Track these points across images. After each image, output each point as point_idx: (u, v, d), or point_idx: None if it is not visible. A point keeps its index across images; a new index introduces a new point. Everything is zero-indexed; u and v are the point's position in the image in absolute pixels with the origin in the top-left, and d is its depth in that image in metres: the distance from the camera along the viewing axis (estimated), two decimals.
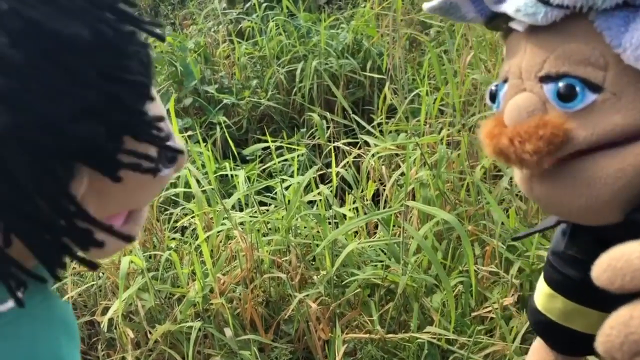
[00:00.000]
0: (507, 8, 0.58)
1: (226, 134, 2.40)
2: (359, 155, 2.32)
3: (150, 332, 1.75)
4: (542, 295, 0.78)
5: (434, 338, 1.60)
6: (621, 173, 0.53)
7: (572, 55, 0.54)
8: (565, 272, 0.73)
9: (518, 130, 0.56)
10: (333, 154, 2.01)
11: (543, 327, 0.80)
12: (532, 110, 0.56)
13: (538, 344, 0.87)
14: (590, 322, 0.41)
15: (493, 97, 0.63)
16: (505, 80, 0.61)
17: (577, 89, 0.54)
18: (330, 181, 2.07)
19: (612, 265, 0.39)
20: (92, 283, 1.96)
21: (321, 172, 2.26)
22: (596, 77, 0.53)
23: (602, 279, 0.39)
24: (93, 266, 0.54)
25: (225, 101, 3.16)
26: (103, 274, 1.95)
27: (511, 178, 1.98)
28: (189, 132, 2.78)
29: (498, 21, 0.61)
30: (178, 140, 0.66)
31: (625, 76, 0.52)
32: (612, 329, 0.39)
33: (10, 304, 0.57)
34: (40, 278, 0.59)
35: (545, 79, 0.56)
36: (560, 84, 0.54)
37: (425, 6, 0.67)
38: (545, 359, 0.86)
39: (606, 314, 0.40)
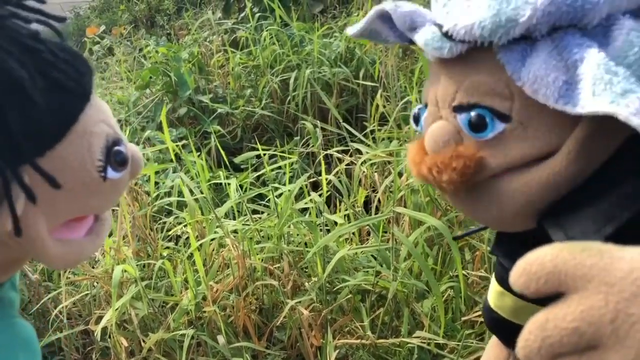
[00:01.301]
0: (417, 39, 0.61)
1: (217, 143, 2.42)
2: (352, 163, 2.34)
3: (144, 341, 1.77)
4: (494, 293, 0.80)
5: (424, 343, 1.61)
6: (527, 190, 0.56)
7: (479, 87, 0.56)
8: (511, 269, 0.74)
9: (435, 161, 0.59)
10: (323, 162, 2.03)
11: (495, 324, 0.82)
12: (447, 139, 0.59)
13: (493, 340, 0.90)
14: None
15: (416, 119, 0.66)
16: (426, 105, 0.64)
17: (487, 119, 0.56)
18: (322, 189, 2.09)
19: (527, 269, 0.40)
20: (87, 292, 1.97)
21: (313, 179, 2.28)
22: (503, 107, 0.55)
23: (519, 283, 0.40)
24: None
25: (219, 110, 3.18)
26: (97, 283, 1.96)
27: None
28: (184, 142, 2.80)
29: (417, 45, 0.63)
30: (130, 146, 0.68)
31: (531, 106, 0.54)
32: (529, 334, 0.39)
33: None
34: None
35: (458, 108, 0.58)
36: (472, 114, 0.57)
37: (349, 31, 0.70)
38: (499, 354, 0.89)
39: None
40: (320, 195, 1.97)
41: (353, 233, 2.09)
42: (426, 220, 1.68)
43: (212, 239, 1.94)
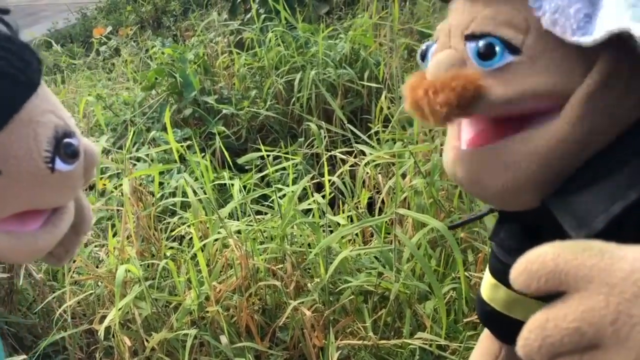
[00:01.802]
0: None
1: (220, 144, 2.43)
2: (355, 164, 2.35)
3: (147, 340, 1.77)
4: (487, 285, 0.80)
5: (426, 344, 1.62)
6: (534, 157, 0.55)
7: (497, 16, 0.56)
8: (506, 261, 0.74)
9: (434, 82, 0.57)
10: (325, 163, 2.04)
11: (488, 316, 0.81)
12: (451, 65, 0.58)
13: (484, 334, 0.89)
14: (531, 311, 0.43)
15: (423, 56, 0.65)
16: (437, 40, 0.63)
17: (497, 48, 0.55)
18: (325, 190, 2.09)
19: (527, 268, 0.39)
20: (91, 292, 1.99)
21: (317, 180, 2.28)
22: (516, 39, 0.55)
23: (519, 282, 0.40)
24: None
25: (224, 111, 3.19)
26: (101, 283, 1.97)
27: None
28: (189, 142, 2.81)
29: None
30: (84, 140, 0.67)
31: (544, 42, 0.54)
32: (530, 333, 0.39)
33: None
34: None
35: (470, 37, 0.57)
36: (482, 42, 0.56)
37: None
38: (490, 348, 0.88)
39: (545, 303, 0.41)
40: (323, 197, 1.98)
41: (356, 234, 2.09)
42: (429, 222, 1.69)
43: (216, 240, 1.95)
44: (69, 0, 7.88)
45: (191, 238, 2.10)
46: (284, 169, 2.50)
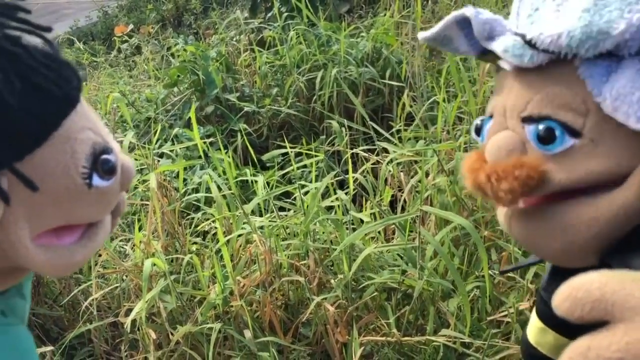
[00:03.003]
0: (496, 47, 0.59)
1: (246, 142, 2.44)
2: (377, 162, 2.35)
3: (172, 334, 1.79)
4: (534, 328, 0.78)
5: (450, 341, 1.62)
6: (594, 222, 0.55)
7: (554, 99, 0.55)
8: None
9: (496, 168, 0.57)
10: (350, 161, 2.04)
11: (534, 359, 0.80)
12: (511, 149, 0.57)
13: None
14: None
15: (478, 131, 0.65)
16: (491, 116, 0.62)
17: (557, 132, 0.55)
18: (348, 187, 2.10)
19: (572, 295, 0.39)
20: (116, 285, 2.01)
21: (339, 178, 2.29)
22: (576, 122, 0.54)
23: (563, 308, 0.39)
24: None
25: (246, 109, 3.21)
26: (126, 277, 2.00)
27: None
28: (211, 139, 2.83)
29: (489, 56, 0.62)
30: (122, 156, 0.67)
31: (605, 124, 0.53)
32: (570, 359, 0.39)
33: None
34: None
35: (527, 119, 0.57)
36: (541, 127, 0.55)
37: (420, 36, 0.68)
38: None
39: None
40: (346, 194, 1.99)
41: (378, 232, 2.10)
42: (453, 219, 1.69)
43: (239, 235, 1.97)
44: None
45: (214, 233, 2.12)
46: (305, 166, 2.51)
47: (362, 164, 2.40)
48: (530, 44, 0.56)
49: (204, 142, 2.44)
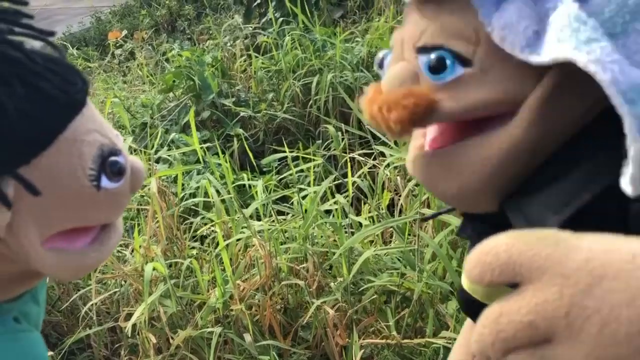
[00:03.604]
0: None
1: (245, 146, 2.45)
2: (373, 166, 2.37)
3: (172, 338, 1.80)
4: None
5: (450, 343, 1.63)
6: (487, 161, 0.54)
7: (448, 29, 0.55)
8: None
9: (387, 99, 0.56)
10: (349, 164, 2.06)
11: (469, 306, 0.78)
12: (404, 80, 0.57)
13: (467, 324, 0.87)
14: None
15: (381, 64, 0.64)
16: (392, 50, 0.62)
17: (448, 61, 0.54)
18: (346, 191, 2.11)
19: (481, 259, 0.38)
20: (115, 290, 2.01)
21: (336, 182, 2.31)
22: (467, 51, 0.54)
23: (473, 274, 0.39)
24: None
25: (242, 114, 3.22)
26: (125, 281, 2.00)
27: None
28: (207, 144, 2.84)
29: None
30: (131, 158, 0.67)
31: (495, 54, 0.53)
32: (484, 328, 0.38)
33: None
34: None
35: (422, 50, 0.57)
36: (432, 56, 0.55)
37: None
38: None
39: None
40: (345, 197, 2.00)
41: (376, 235, 2.11)
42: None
43: (238, 239, 1.98)
44: (84, 4, 7.95)
45: (213, 238, 2.13)
46: (301, 170, 2.52)
47: (358, 167, 2.41)
48: None
49: (201, 147, 2.45)
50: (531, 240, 0.37)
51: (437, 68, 0.55)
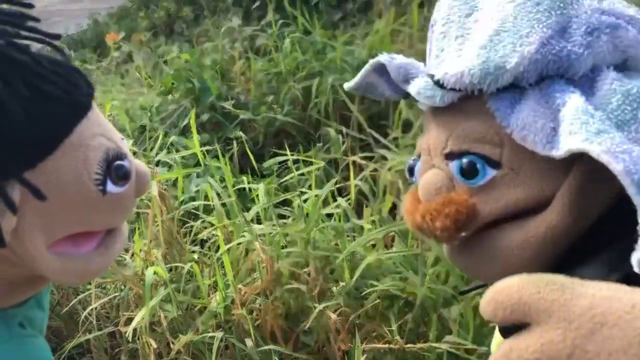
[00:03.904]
0: (411, 89, 0.61)
1: (247, 149, 2.44)
2: (374, 170, 2.36)
3: (172, 343, 1.78)
4: (496, 344, 0.80)
5: (453, 348, 1.62)
6: (526, 244, 0.56)
7: (470, 134, 0.57)
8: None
9: (428, 208, 0.59)
10: (352, 167, 2.05)
11: None
12: (439, 186, 0.59)
13: None
14: None
15: (411, 170, 0.66)
16: (420, 156, 0.64)
17: (478, 165, 0.57)
18: (346, 195, 2.10)
19: (494, 298, 0.41)
20: (115, 295, 2.00)
21: (340, 185, 2.29)
22: (494, 154, 0.56)
23: (487, 311, 0.42)
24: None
25: (241, 117, 3.20)
26: (125, 286, 1.99)
27: None
28: (207, 147, 2.83)
29: (413, 98, 0.64)
30: (136, 162, 0.66)
31: (521, 153, 0.55)
32: None
33: None
34: None
35: (450, 156, 0.59)
36: (464, 161, 0.57)
37: (346, 86, 0.70)
38: None
39: None
40: (346, 201, 1.99)
41: (378, 239, 2.10)
42: None
43: (239, 243, 1.96)
44: (81, 6, 7.93)
45: (214, 242, 2.11)
46: (302, 174, 2.51)
47: (359, 171, 2.40)
48: (438, 84, 0.57)
49: (201, 150, 2.43)
50: (540, 284, 0.40)
51: (469, 172, 0.57)
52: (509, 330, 0.42)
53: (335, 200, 2.07)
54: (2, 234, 0.54)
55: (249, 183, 2.42)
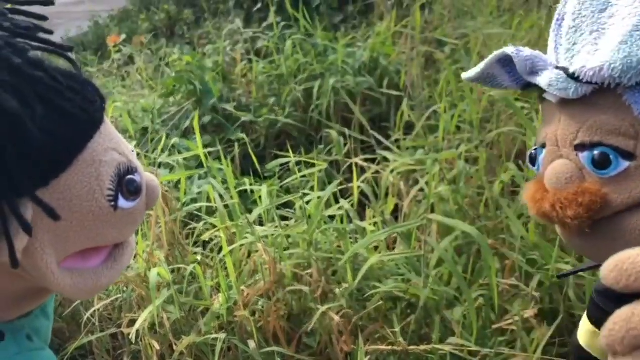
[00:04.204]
0: (540, 81, 0.63)
1: (250, 151, 2.44)
2: (376, 171, 2.36)
3: (175, 344, 1.78)
4: (585, 332, 0.81)
5: (456, 349, 1.62)
6: None
7: (603, 126, 0.58)
8: (608, 310, 0.75)
9: (559, 197, 0.61)
10: (355, 169, 2.05)
11: None
12: (570, 176, 0.61)
13: None
14: None
15: (533, 160, 0.68)
16: (543, 146, 0.66)
17: (611, 156, 0.58)
18: (348, 196, 2.10)
19: (618, 266, 0.42)
20: (118, 296, 2.00)
21: (343, 187, 2.29)
22: (627, 145, 0.57)
23: (609, 278, 0.43)
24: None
25: (243, 119, 3.21)
26: (127, 287, 1.99)
27: None
28: (209, 149, 2.83)
29: (533, 89, 0.66)
30: (146, 175, 0.66)
31: None
32: (614, 325, 0.42)
33: None
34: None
35: (580, 147, 0.60)
36: (595, 152, 0.59)
37: (464, 76, 0.72)
38: None
39: None
40: (349, 203, 1.99)
41: (380, 240, 2.10)
42: (459, 226, 1.69)
43: (242, 245, 1.96)
44: (82, 8, 7.94)
45: (216, 243, 2.11)
46: (304, 176, 2.51)
47: (361, 173, 2.40)
48: (573, 77, 0.59)
49: (202, 152, 2.43)
50: None
51: (601, 164, 0.59)
52: (621, 299, 0.43)
53: (337, 202, 2.07)
54: (15, 255, 0.53)
55: (251, 185, 2.42)
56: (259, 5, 4.62)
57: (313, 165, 2.29)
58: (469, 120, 2.27)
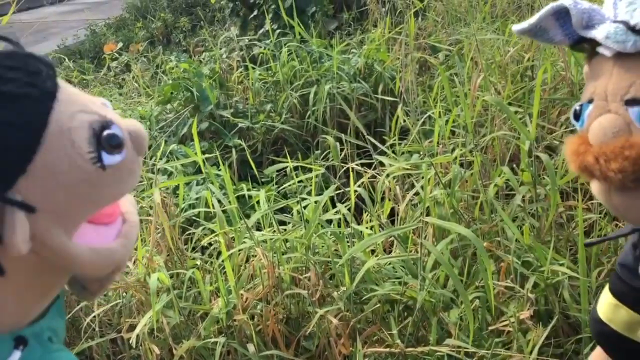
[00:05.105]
0: (596, 34, 0.63)
1: (248, 156, 2.47)
2: (372, 176, 2.38)
3: (175, 349, 1.80)
4: (606, 305, 0.80)
5: (453, 351, 1.64)
6: None
7: None
8: (632, 283, 0.76)
9: (604, 150, 0.60)
10: (351, 173, 2.07)
11: (605, 337, 0.81)
12: (617, 130, 0.61)
13: (597, 352, 0.88)
14: None
15: (577, 116, 0.68)
16: (589, 101, 0.66)
17: None
18: (345, 201, 2.13)
19: None
20: (117, 302, 2.01)
21: (339, 191, 2.32)
22: None
23: None
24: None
25: (240, 125, 3.23)
26: (126, 293, 2.00)
27: (523, 196, 2.03)
28: (206, 155, 2.85)
29: (583, 45, 0.66)
30: (126, 122, 0.63)
31: None
32: None
33: (15, 357, 0.59)
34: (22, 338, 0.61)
35: (631, 102, 0.60)
36: None
37: (515, 28, 0.72)
38: None
39: None
40: (346, 207, 2.01)
41: (377, 243, 2.12)
42: (455, 229, 1.71)
43: (240, 249, 1.98)
44: (79, 17, 7.96)
45: (215, 248, 2.13)
46: (301, 181, 2.53)
47: (357, 178, 2.43)
48: (634, 30, 0.59)
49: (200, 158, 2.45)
50: None
51: None
52: None
53: (334, 206, 2.09)
54: (1, 264, 0.53)
55: (248, 190, 2.45)
56: (255, 13, 4.65)
57: (310, 170, 2.31)
58: (463, 125, 2.30)
